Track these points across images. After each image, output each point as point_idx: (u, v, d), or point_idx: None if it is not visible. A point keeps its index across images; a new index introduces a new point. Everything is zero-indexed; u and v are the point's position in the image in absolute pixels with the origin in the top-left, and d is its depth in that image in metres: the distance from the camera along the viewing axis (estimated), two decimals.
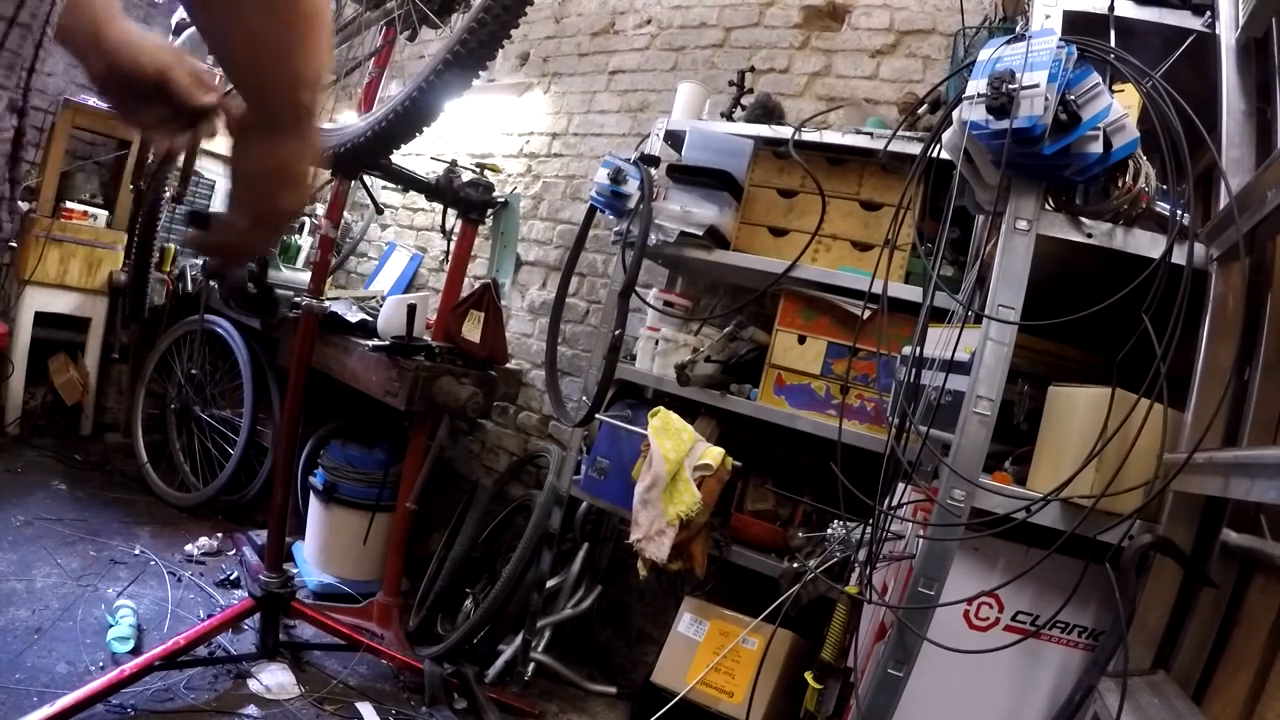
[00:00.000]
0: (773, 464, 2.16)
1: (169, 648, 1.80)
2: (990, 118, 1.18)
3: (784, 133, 2.09)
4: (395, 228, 3.74)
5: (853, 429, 1.83)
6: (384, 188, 3.46)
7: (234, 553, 2.63)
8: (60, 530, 2.46)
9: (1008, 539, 1.23)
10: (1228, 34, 1.29)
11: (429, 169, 2.42)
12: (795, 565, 1.76)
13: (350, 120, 1.56)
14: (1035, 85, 1.14)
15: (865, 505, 1.38)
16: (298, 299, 2.21)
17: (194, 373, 3.11)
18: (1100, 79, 1.18)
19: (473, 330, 2.36)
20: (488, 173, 2.43)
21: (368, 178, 2.32)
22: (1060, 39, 1.19)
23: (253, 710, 1.81)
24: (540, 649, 2.30)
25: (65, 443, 3.18)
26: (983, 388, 1.25)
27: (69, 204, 3.10)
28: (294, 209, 0.69)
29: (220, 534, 2.71)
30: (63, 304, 3.12)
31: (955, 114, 1.32)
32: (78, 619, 1.99)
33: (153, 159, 3.10)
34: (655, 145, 2.31)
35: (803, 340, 1.98)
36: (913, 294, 1.78)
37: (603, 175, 2.10)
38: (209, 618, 2.06)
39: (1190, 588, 1.13)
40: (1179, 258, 1.15)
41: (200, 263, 3.15)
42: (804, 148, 2.05)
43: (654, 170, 2.17)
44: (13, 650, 1.79)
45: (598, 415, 2.09)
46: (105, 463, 3.15)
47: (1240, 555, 1.06)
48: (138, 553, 2.46)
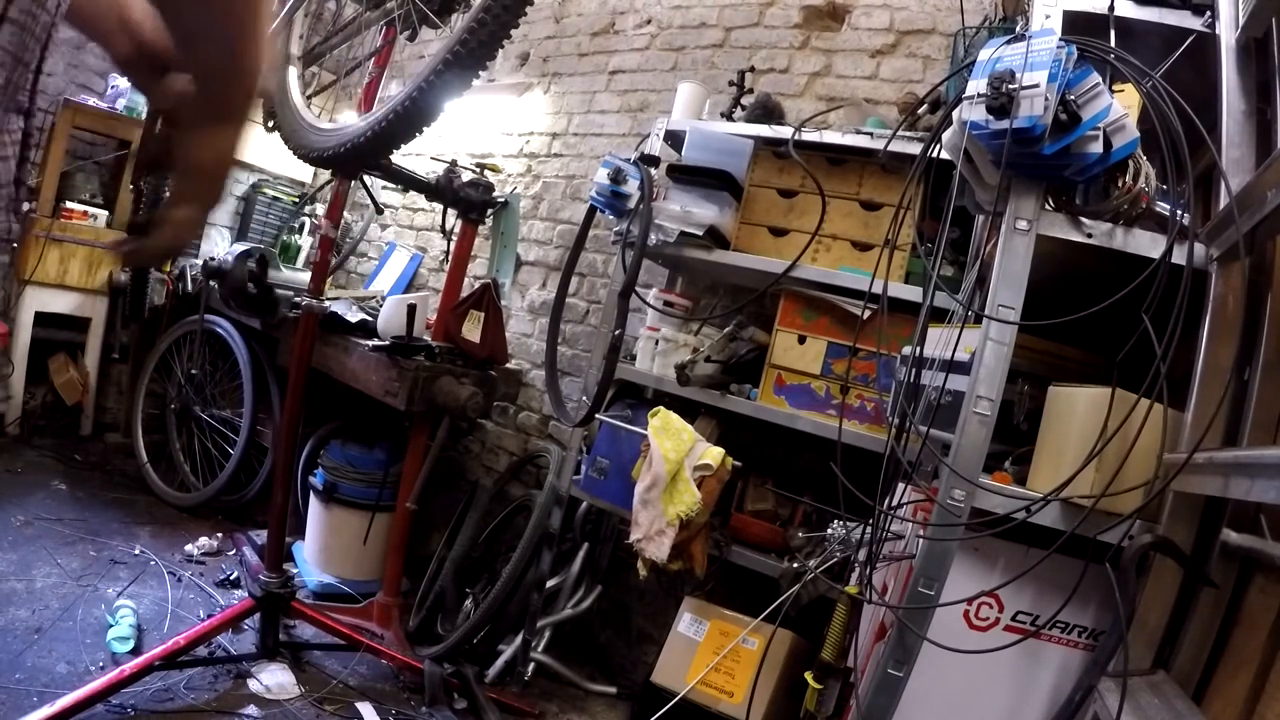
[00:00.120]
0: (773, 464, 2.16)
1: (169, 648, 1.80)
2: (990, 118, 1.18)
3: (784, 133, 2.09)
4: (395, 228, 3.74)
5: (853, 429, 1.83)
6: (384, 188, 3.46)
7: (234, 553, 2.63)
8: (60, 530, 2.46)
9: (1008, 539, 1.23)
10: (1228, 34, 1.29)
11: (429, 169, 2.42)
12: (795, 565, 1.76)
13: (350, 120, 1.56)
14: (1035, 85, 1.14)
15: (865, 505, 1.38)
16: (298, 299, 2.21)
17: (194, 373, 3.11)
18: (1100, 79, 1.18)
19: (473, 330, 2.36)
20: (488, 173, 2.43)
21: (368, 178, 2.32)
22: (1060, 39, 1.19)
23: (253, 710, 1.81)
24: (540, 649, 2.30)
25: (65, 443, 3.18)
26: (983, 388, 1.25)
27: (69, 204, 3.10)
28: (220, 201, 0.70)
29: (220, 534, 2.71)
30: (63, 304, 3.12)
31: (955, 114, 1.32)
32: (78, 619, 1.99)
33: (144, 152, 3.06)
34: (655, 145, 2.31)
35: (803, 340, 1.98)
36: (913, 294, 1.78)
37: (603, 175, 2.10)
38: (209, 618, 2.06)
39: (1190, 588, 1.13)
40: (1179, 258, 1.15)
41: (198, 263, 3.14)
42: (804, 148, 2.05)
43: (654, 170, 2.17)
44: (13, 650, 1.79)
45: (598, 415, 2.09)
46: (105, 463, 3.15)
47: (1240, 555, 1.06)
48: (138, 553, 2.46)
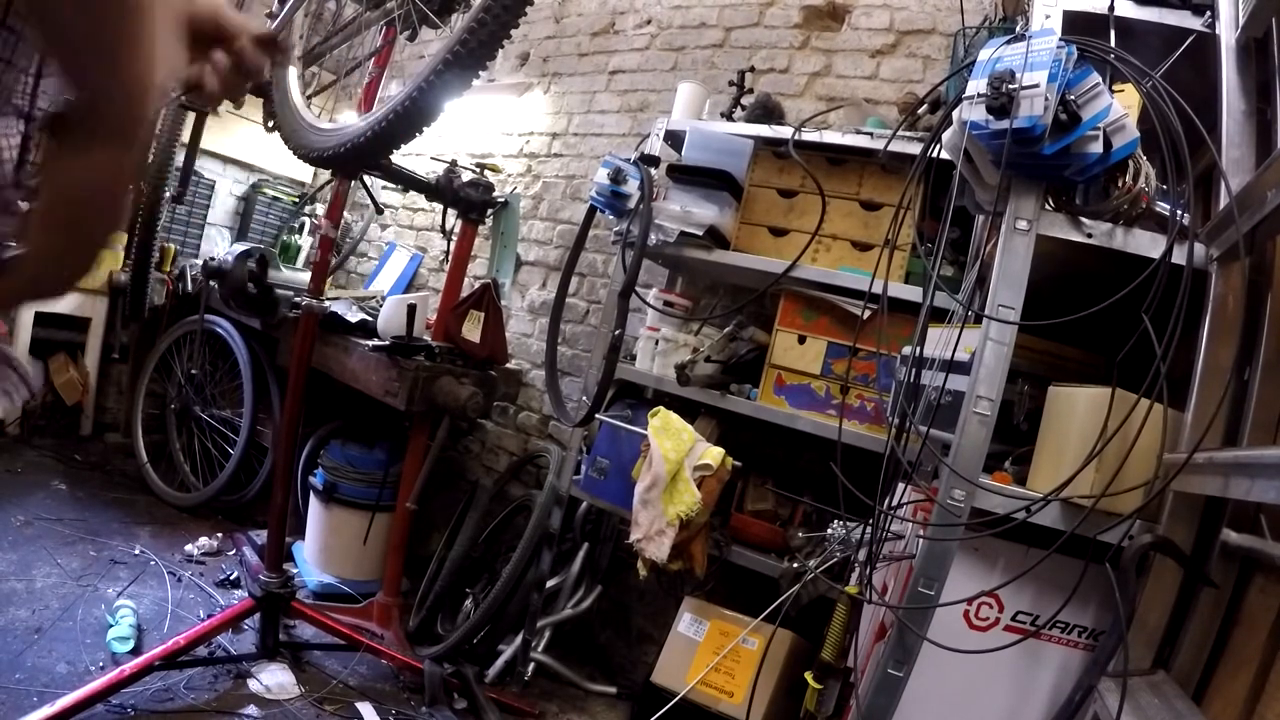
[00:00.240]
0: (773, 464, 2.16)
1: (169, 648, 1.80)
2: (990, 118, 1.18)
3: (784, 133, 2.09)
4: (395, 228, 3.74)
5: (853, 429, 1.83)
6: (384, 188, 3.46)
7: (234, 553, 2.63)
8: (60, 530, 2.46)
9: (1008, 539, 1.23)
10: (1228, 34, 1.29)
11: (429, 169, 2.42)
12: (795, 565, 1.76)
13: (350, 120, 1.56)
14: (1035, 85, 1.14)
15: (865, 505, 1.38)
16: (298, 299, 2.21)
17: (194, 373, 3.11)
18: (1100, 79, 1.18)
19: (473, 330, 2.36)
20: (488, 173, 2.43)
21: (368, 178, 2.32)
22: (1060, 39, 1.19)
23: (253, 710, 1.81)
24: (540, 649, 2.30)
25: (65, 443, 3.18)
26: (983, 388, 1.25)
27: None
28: (106, 239, 0.57)
29: (220, 534, 2.71)
30: (63, 304, 3.11)
31: (955, 114, 1.32)
32: (78, 619, 1.99)
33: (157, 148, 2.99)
34: (655, 145, 2.31)
35: (803, 340, 1.98)
36: (913, 294, 1.78)
37: (603, 175, 2.10)
38: (209, 618, 2.06)
39: (1190, 588, 1.13)
40: (1179, 258, 1.15)
41: (198, 263, 3.14)
42: (804, 148, 2.05)
43: (654, 170, 2.17)
44: (13, 650, 1.79)
45: (598, 415, 2.09)
46: (105, 463, 3.15)
47: (1240, 555, 1.06)
48: (138, 553, 2.46)
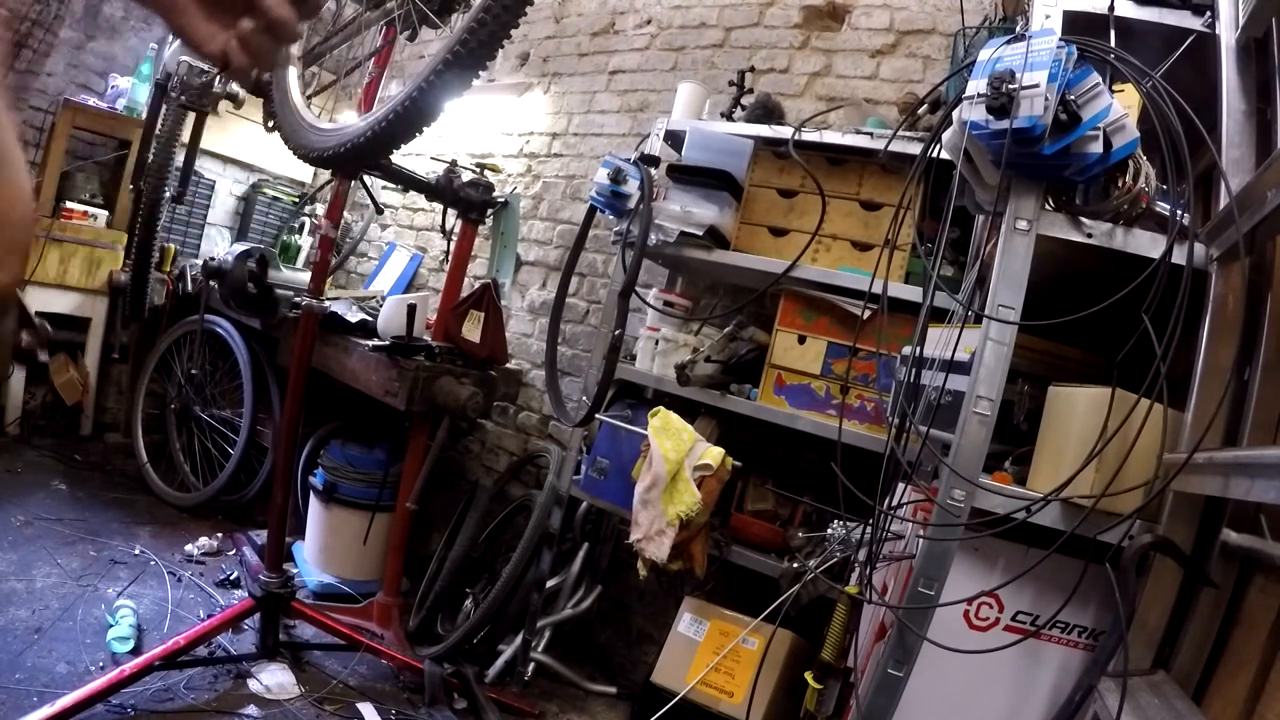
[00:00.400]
0: (773, 464, 2.16)
1: (169, 648, 1.80)
2: (990, 118, 1.18)
3: (784, 133, 2.09)
4: (395, 228, 3.74)
5: (853, 429, 1.83)
6: (384, 188, 3.46)
7: (234, 553, 2.63)
8: (60, 530, 2.46)
9: (1008, 539, 1.23)
10: (1228, 34, 1.29)
11: (429, 169, 2.42)
12: (795, 565, 1.76)
13: (350, 120, 1.56)
14: (1035, 85, 1.14)
15: (865, 505, 1.38)
16: (298, 299, 2.21)
17: (194, 373, 3.11)
18: (1100, 79, 1.18)
19: (473, 330, 2.36)
20: (488, 173, 2.42)
21: (368, 178, 2.32)
22: (1060, 39, 1.19)
23: (253, 710, 1.81)
24: (540, 649, 2.30)
25: (65, 443, 3.18)
26: (983, 388, 1.25)
27: (69, 204, 3.10)
28: None
29: (220, 534, 2.71)
30: (63, 304, 3.11)
31: (955, 114, 1.32)
32: (78, 619, 1.99)
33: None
34: (655, 145, 2.31)
35: (803, 340, 1.98)
36: (913, 294, 1.78)
37: (603, 175, 2.10)
38: (209, 618, 2.06)
39: (1190, 588, 1.13)
40: (1179, 258, 1.15)
41: (198, 263, 3.14)
42: (804, 148, 2.05)
43: (654, 170, 2.17)
44: (13, 650, 1.79)
45: (598, 415, 2.09)
46: (105, 463, 3.15)
47: (1240, 555, 1.06)
48: (138, 553, 2.46)
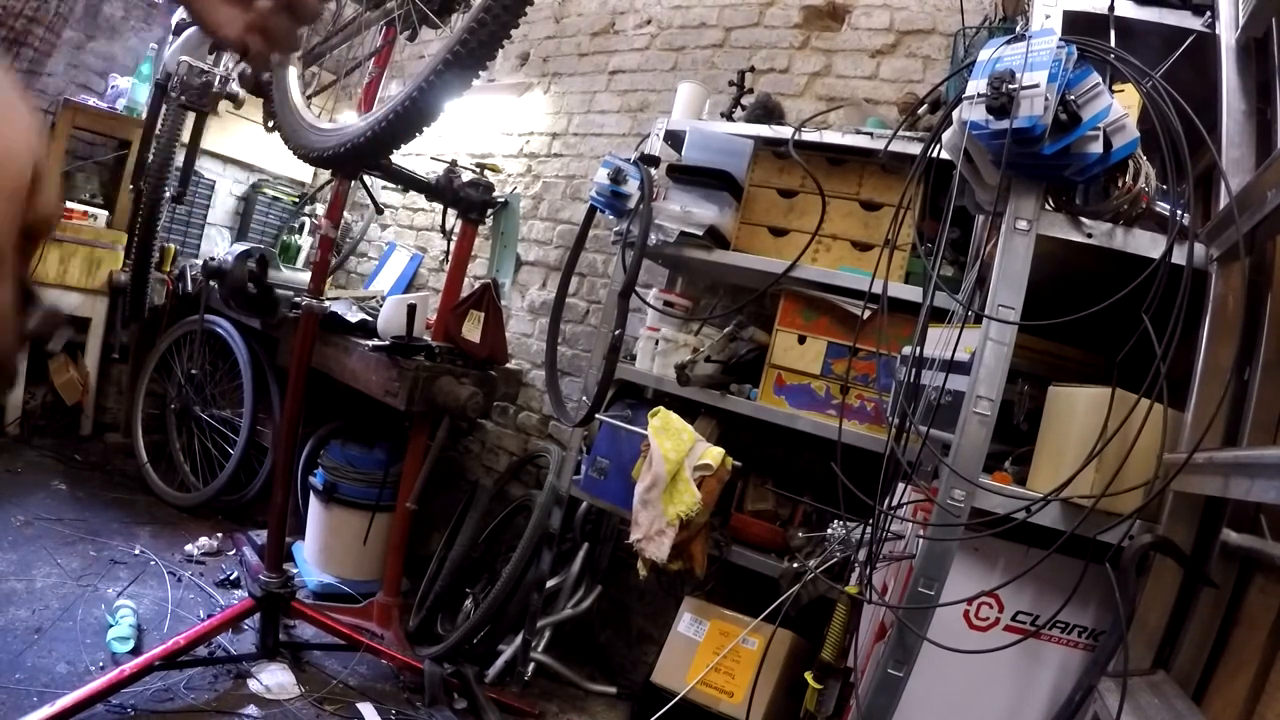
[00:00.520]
0: (773, 464, 2.16)
1: (169, 648, 1.80)
2: (990, 118, 1.18)
3: (784, 133, 2.09)
4: (395, 228, 3.74)
5: (853, 429, 1.83)
6: (384, 188, 3.46)
7: (234, 553, 2.63)
8: (60, 530, 2.46)
9: (1008, 539, 1.23)
10: (1228, 34, 1.29)
11: (429, 169, 2.42)
12: (795, 565, 1.76)
13: (350, 120, 1.56)
14: (1035, 85, 1.14)
15: (865, 505, 1.38)
16: (298, 299, 2.21)
17: (194, 373, 3.11)
18: (1100, 79, 1.18)
19: (473, 330, 2.36)
20: (488, 173, 2.42)
21: (368, 178, 2.32)
22: (1060, 39, 1.19)
23: (253, 710, 1.81)
24: (540, 649, 2.30)
25: (65, 443, 3.18)
26: (983, 388, 1.25)
27: (69, 204, 3.10)
28: None
29: (220, 534, 2.71)
30: (63, 304, 3.11)
31: (955, 114, 1.32)
32: (78, 619, 1.99)
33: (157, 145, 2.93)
34: (655, 145, 2.31)
35: (803, 340, 1.98)
36: (913, 294, 1.78)
37: (603, 175, 2.10)
38: (209, 618, 2.06)
39: (1190, 588, 1.13)
40: (1179, 258, 1.15)
41: (198, 263, 3.14)
42: (804, 148, 2.05)
43: (654, 170, 2.17)
44: (13, 650, 1.79)
45: (598, 415, 2.09)
46: (105, 463, 3.15)
47: (1240, 555, 1.06)
48: (138, 553, 2.46)
